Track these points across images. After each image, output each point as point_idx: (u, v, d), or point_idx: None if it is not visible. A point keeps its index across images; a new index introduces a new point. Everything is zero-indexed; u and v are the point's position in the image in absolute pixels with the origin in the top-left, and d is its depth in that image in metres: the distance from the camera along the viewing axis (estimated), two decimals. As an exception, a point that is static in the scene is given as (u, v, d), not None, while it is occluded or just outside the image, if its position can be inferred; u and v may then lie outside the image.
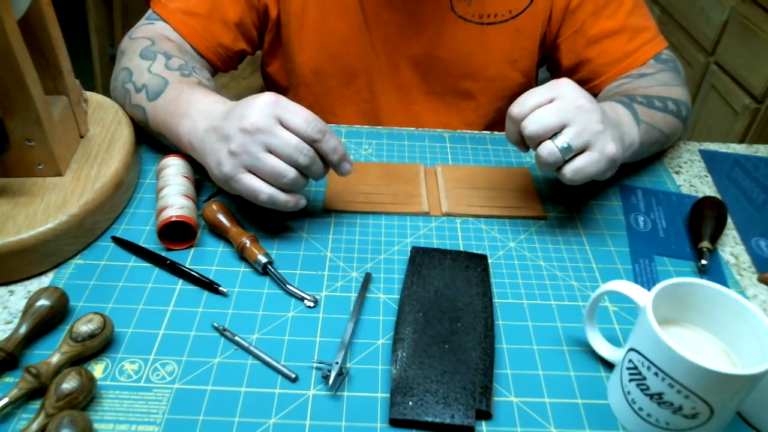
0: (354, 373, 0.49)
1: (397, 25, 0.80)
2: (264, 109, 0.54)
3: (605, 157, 0.56)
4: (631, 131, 0.64)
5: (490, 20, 0.79)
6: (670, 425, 0.44)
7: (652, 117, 0.68)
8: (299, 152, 0.54)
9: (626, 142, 0.62)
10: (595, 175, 0.57)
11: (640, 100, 0.68)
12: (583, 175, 0.57)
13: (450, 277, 0.57)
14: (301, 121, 0.54)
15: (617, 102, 0.66)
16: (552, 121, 0.55)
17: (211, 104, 0.60)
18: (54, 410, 0.43)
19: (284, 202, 0.56)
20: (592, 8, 0.78)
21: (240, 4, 0.77)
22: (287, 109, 0.55)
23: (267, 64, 0.90)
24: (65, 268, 0.57)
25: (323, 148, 0.56)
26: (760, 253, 0.64)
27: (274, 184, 0.55)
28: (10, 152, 0.57)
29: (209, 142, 0.57)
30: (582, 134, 0.56)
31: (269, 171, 0.54)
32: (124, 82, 0.69)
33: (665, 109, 0.70)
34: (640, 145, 0.65)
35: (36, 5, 0.56)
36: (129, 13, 1.86)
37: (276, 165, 0.54)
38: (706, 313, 0.47)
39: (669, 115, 0.71)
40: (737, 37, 1.60)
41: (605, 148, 0.56)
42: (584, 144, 0.56)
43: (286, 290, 0.56)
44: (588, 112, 0.56)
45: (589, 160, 0.56)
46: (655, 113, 0.68)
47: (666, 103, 0.71)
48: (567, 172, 0.57)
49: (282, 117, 0.54)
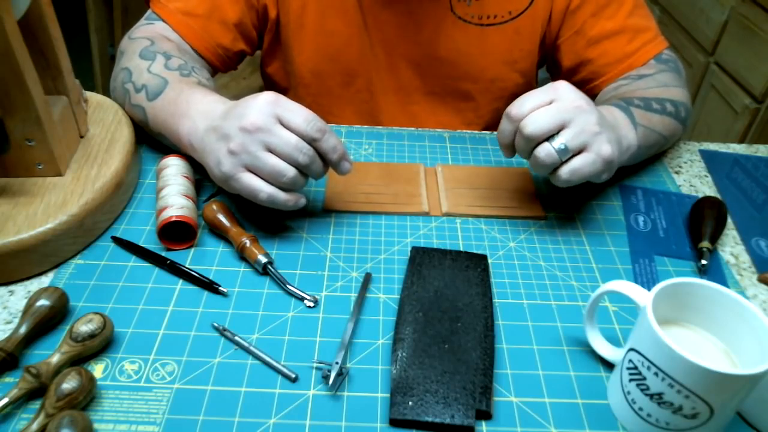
0: (354, 373, 0.49)
1: (396, 26, 0.80)
2: (264, 108, 0.54)
3: (601, 159, 0.57)
4: (628, 134, 0.64)
5: (489, 21, 0.79)
6: (670, 425, 0.44)
7: (650, 120, 0.68)
8: (299, 151, 0.54)
9: (623, 144, 0.62)
10: (590, 176, 0.57)
11: (637, 103, 0.68)
12: (579, 176, 0.57)
13: (450, 277, 0.57)
14: (301, 120, 0.54)
15: (614, 105, 0.66)
16: (551, 122, 0.55)
17: (211, 104, 0.60)
18: (54, 410, 0.43)
19: (284, 201, 0.56)
20: (592, 9, 0.78)
21: (239, 5, 0.77)
22: (287, 108, 0.55)
23: (266, 65, 0.90)
24: (65, 268, 0.57)
25: (323, 147, 0.56)
26: (760, 253, 0.64)
27: (274, 183, 0.55)
28: (10, 152, 0.57)
29: (209, 141, 0.57)
30: (579, 135, 0.56)
31: (269, 170, 0.54)
32: (123, 82, 0.69)
33: (663, 111, 0.70)
34: (638, 148, 0.65)
35: (36, 5, 0.56)
36: (129, 13, 1.86)
37: (276, 164, 0.54)
38: (706, 313, 0.47)
39: (667, 117, 0.71)
40: (737, 37, 1.60)
41: (602, 149, 0.56)
42: (581, 145, 0.56)
43: (286, 290, 0.56)
44: (585, 113, 0.56)
45: (585, 161, 0.56)
46: (652, 116, 0.68)
47: (664, 104, 0.71)
48: (563, 173, 0.57)
49: (282, 116, 0.54)
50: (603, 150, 0.56)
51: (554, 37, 0.82)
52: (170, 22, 0.75)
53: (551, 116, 0.56)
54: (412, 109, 0.88)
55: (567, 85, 0.58)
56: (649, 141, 0.68)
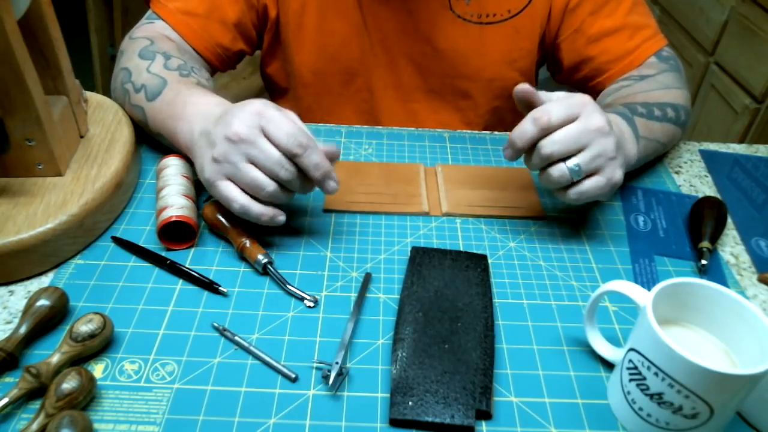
0: (354, 373, 0.49)
1: (395, 24, 0.80)
2: (248, 119, 0.53)
3: (611, 184, 0.57)
4: (631, 150, 0.64)
5: (488, 20, 0.79)
6: (670, 425, 0.44)
7: (651, 129, 0.68)
8: (280, 166, 0.53)
9: (627, 162, 0.62)
10: (597, 198, 0.58)
11: (640, 111, 0.68)
12: (586, 197, 0.57)
13: (450, 277, 0.57)
14: (282, 134, 0.53)
15: (619, 115, 0.66)
16: (572, 145, 0.55)
17: (208, 106, 0.59)
18: (54, 410, 0.43)
19: (257, 214, 0.55)
20: (591, 7, 0.78)
21: (239, 5, 0.77)
22: (271, 119, 0.53)
23: (266, 65, 0.90)
24: (65, 268, 0.57)
25: (304, 163, 0.54)
26: (760, 253, 0.64)
27: (254, 195, 0.55)
28: (10, 152, 0.57)
29: (199, 145, 0.57)
30: (595, 159, 0.55)
31: (248, 182, 0.54)
32: (123, 82, 0.69)
33: (664, 117, 0.70)
34: (636, 161, 0.66)
35: (36, 5, 0.56)
36: (129, 13, 1.86)
37: (256, 177, 0.53)
38: (706, 313, 0.47)
39: (668, 123, 0.71)
40: (737, 37, 1.60)
41: (614, 175, 0.57)
42: (595, 169, 0.56)
43: (286, 290, 0.56)
44: (605, 137, 0.56)
45: (596, 185, 0.56)
46: (654, 125, 0.69)
47: (665, 110, 0.71)
48: (572, 194, 0.57)
49: (265, 128, 0.53)
50: (615, 176, 0.57)
51: (554, 36, 0.82)
52: (170, 22, 0.75)
53: (573, 139, 0.55)
54: (412, 107, 0.88)
55: (592, 103, 0.57)
56: (647, 151, 0.69)
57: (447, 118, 0.88)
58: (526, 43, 0.82)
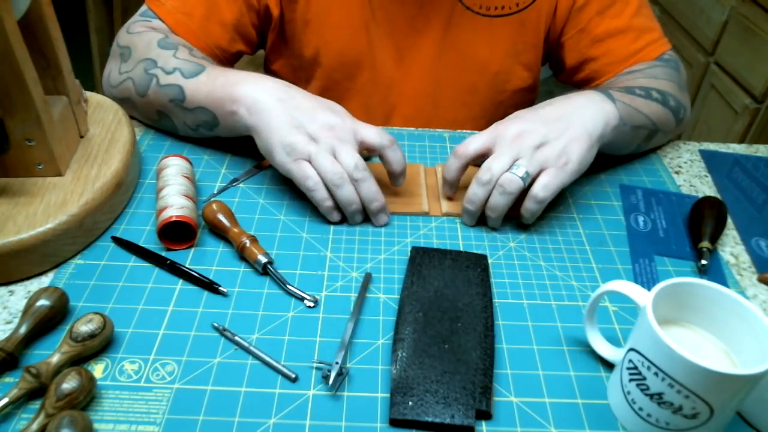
0: (354, 373, 0.49)
1: (404, 18, 0.80)
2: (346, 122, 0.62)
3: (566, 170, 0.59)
4: (604, 107, 0.64)
5: (497, 12, 0.80)
6: (670, 425, 0.44)
7: (632, 100, 0.68)
8: (355, 168, 0.60)
9: (598, 119, 0.63)
10: (564, 183, 0.60)
11: (616, 88, 0.69)
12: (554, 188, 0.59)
13: (450, 277, 0.57)
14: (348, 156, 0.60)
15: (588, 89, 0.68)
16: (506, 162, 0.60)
17: (276, 81, 0.65)
18: (54, 410, 0.43)
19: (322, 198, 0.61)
20: (597, 7, 0.78)
21: (237, 5, 0.77)
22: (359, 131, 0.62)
23: (271, 62, 0.90)
24: (65, 268, 0.57)
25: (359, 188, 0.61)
26: (760, 253, 0.64)
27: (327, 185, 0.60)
28: (10, 152, 0.57)
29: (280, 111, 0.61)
30: (535, 153, 0.59)
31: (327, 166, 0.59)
32: (146, 69, 0.69)
33: (648, 96, 0.70)
34: (620, 120, 0.65)
35: (36, 5, 0.56)
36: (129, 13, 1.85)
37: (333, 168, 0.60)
38: (706, 313, 0.47)
39: (653, 102, 0.70)
40: (737, 37, 1.60)
41: (565, 150, 0.60)
42: (539, 167, 0.59)
43: (286, 290, 0.56)
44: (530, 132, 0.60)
45: (550, 176, 0.59)
46: (634, 98, 0.69)
47: (648, 91, 0.71)
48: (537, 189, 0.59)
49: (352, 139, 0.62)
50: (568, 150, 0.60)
51: (558, 34, 0.82)
52: (168, 22, 0.75)
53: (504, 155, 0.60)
54: (419, 102, 0.87)
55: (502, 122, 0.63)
56: (634, 120, 0.68)
57: (453, 113, 0.88)
58: (531, 37, 0.82)
